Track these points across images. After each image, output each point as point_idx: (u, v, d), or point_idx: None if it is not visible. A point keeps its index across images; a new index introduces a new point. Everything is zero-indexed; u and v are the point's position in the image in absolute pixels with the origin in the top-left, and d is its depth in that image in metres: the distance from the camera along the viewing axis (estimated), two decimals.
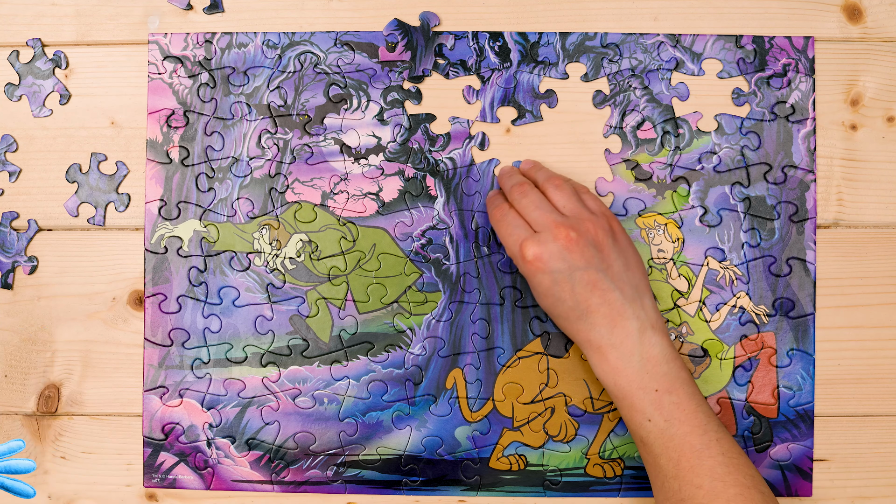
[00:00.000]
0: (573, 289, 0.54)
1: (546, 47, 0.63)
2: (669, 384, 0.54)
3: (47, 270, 0.63)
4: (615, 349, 0.54)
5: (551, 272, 0.54)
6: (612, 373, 0.54)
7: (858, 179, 0.63)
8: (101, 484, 0.63)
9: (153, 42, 0.63)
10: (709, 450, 0.52)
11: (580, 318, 0.55)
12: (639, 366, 0.54)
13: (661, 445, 0.53)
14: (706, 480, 0.52)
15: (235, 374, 0.62)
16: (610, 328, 0.54)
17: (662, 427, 0.53)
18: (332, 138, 0.63)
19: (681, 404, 0.53)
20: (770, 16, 0.63)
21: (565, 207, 0.57)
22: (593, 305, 0.54)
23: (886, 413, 0.62)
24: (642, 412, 0.53)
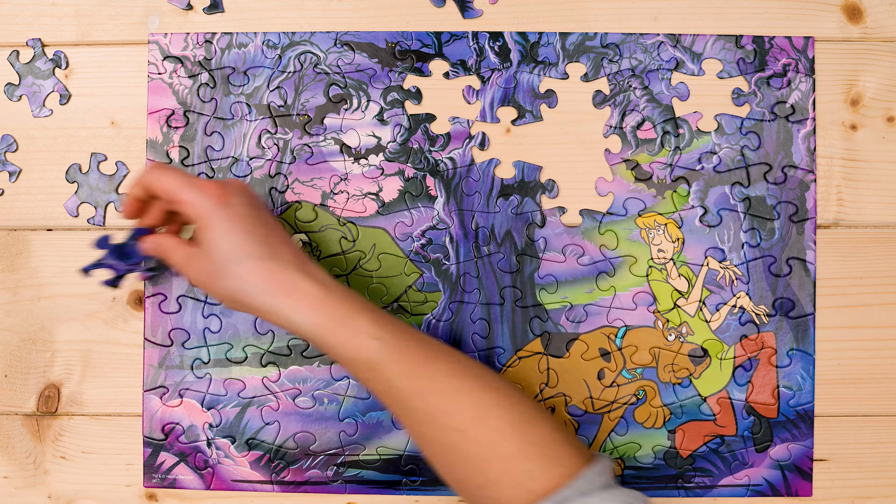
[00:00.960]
0: (259, 224, 0.52)
1: (546, 47, 0.63)
2: (372, 305, 0.53)
3: (47, 270, 0.63)
4: (316, 283, 0.51)
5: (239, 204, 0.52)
6: (321, 303, 0.51)
7: (858, 179, 0.63)
8: (101, 484, 0.63)
9: (153, 42, 0.63)
10: (435, 353, 0.51)
11: (271, 257, 0.51)
12: (342, 294, 0.52)
13: (395, 362, 0.50)
14: (445, 382, 0.50)
15: (235, 374, 0.62)
16: (299, 267, 0.51)
17: (391, 342, 0.51)
18: (332, 138, 0.63)
19: (394, 320, 0.52)
20: (770, 16, 0.63)
21: None
22: (279, 244, 0.52)
23: (886, 413, 0.62)
24: (367, 331, 0.50)
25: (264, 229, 0.52)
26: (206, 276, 0.52)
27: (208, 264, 0.52)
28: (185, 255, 0.54)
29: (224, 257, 0.51)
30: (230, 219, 0.51)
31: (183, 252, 0.54)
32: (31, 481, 0.63)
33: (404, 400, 0.51)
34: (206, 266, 0.52)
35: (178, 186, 0.52)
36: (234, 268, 0.51)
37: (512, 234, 0.62)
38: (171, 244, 0.55)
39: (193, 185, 0.52)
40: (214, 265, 0.51)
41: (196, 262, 0.53)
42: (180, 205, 0.52)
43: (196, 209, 0.52)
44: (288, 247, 0.53)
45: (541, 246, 0.62)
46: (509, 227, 0.62)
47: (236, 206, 0.52)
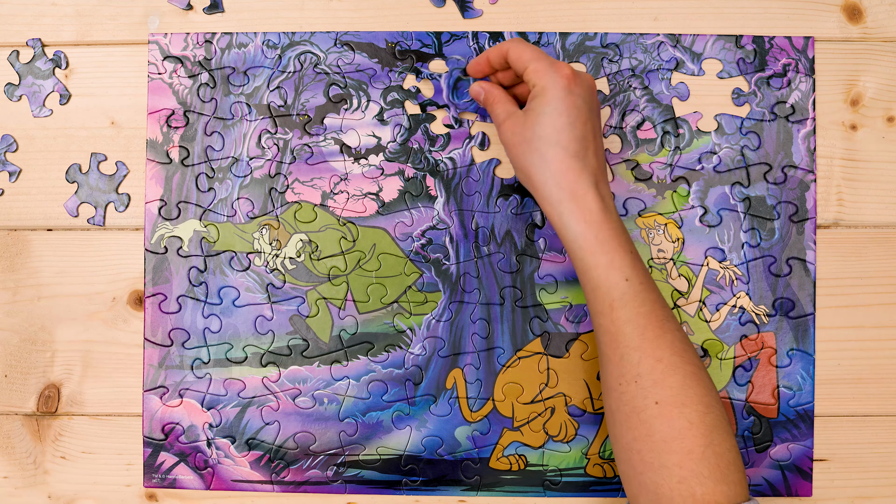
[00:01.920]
0: (586, 124, 0.53)
1: (546, 47, 0.63)
2: (634, 248, 0.53)
3: (47, 270, 0.63)
4: (601, 201, 0.52)
5: (579, 96, 0.53)
6: (597, 223, 0.52)
7: (858, 179, 0.63)
8: (101, 484, 0.63)
9: (153, 42, 0.63)
10: (670, 322, 0.52)
11: (577, 155, 0.53)
12: (618, 225, 0.53)
13: (632, 310, 0.51)
14: (667, 353, 0.50)
15: (235, 374, 0.62)
16: (596, 180, 0.53)
17: (638, 289, 0.52)
18: (332, 138, 0.63)
19: (648, 274, 0.53)
20: (770, 16, 0.63)
21: None
22: (591, 150, 0.53)
23: (886, 413, 0.62)
24: (622, 269, 0.52)
25: (586, 130, 0.53)
26: (517, 138, 0.54)
27: (525, 130, 0.54)
28: (507, 110, 0.56)
29: (540, 133, 0.53)
30: (566, 102, 0.53)
31: (507, 107, 0.56)
32: (31, 481, 0.63)
33: (622, 347, 0.51)
34: (521, 130, 0.54)
35: (536, 56, 0.54)
36: (544, 146, 0.53)
37: (512, 234, 0.62)
38: (500, 95, 0.57)
39: (549, 60, 0.54)
40: (529, 134, 0.54)
41: (515, 121, 0.55)
42: (529, 72, 0.54)
43: (542, 78, 0.53)
44: (596, 157, 0.54)
45: (541, 246, 0.62)
46: (509, 227, 0.62)
47: (577, 95, 0.53)
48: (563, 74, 0.53)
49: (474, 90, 0.59)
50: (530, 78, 0.54)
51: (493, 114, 0.57)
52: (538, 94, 0.54)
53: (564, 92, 0.53)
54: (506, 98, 0.57)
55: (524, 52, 0.55)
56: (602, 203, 0.52)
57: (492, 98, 0.57)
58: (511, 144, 0.55)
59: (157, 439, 0.62)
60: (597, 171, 0.53)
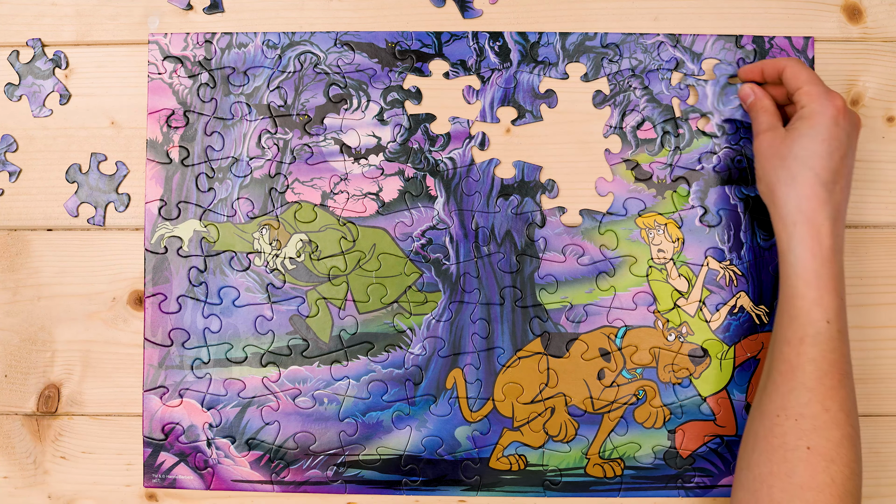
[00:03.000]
0: (844, 158, 0.54)
1: (546, 47, 0.63)
2: (844, 295, 0.53)
3: (47, 270, 0.63)
4: (834, 238, 0.53)
5: (845, 130, 0.54)
6: (821, 258, 0.52)
7: (858, 179, 0.63)
8: (101, 484, 0.63)
9: (153, 42, 0.63)
10: (849, 379, 0.52)
11: (826, 184, 0.53)
12: (840, 269, 0.53)
13: (821, 352, 0.52)
14: (836, 406, 0.51)
15: (235, 374, 0.62)
16: (836, 214, 0.53)
17: (833, 335, 0.52)
18: (332, 138, 0.63)
19: (844, 317, 0.53)
20: (770, 16, 0.63)
21: None
22: (841, 184, 0.54)
23: (886, 413, 0.62)
24: (827, 310, 0.52)
25: (842, 164, 0.54)
26: (772, 151, 0.55)
27: (782, 147, 0.54)
28: (770, 122, 0.57)
29: (798, 153, 0.53)
30: (830, 131, 0.53)
31: (771, 119, 0.57)
32: (31, 481, 0.63)
33: (796, 382, 0.52)
34: (779, 145, 0.55)
35: (810, 79, 0.55)
36: (796, 165, 0.53)
37: (512, 234, 0.62)
38: (768, 105, 0.58)
39: (824, 88, 0.55)
40: (786, 151, 0.54)
41: (775, 135, 0.55)
42: (802, 93, 0.55)
43: (814, 101, 0.54)
44: (843, 193, 0.54)
45: (541, 246, 0.62)
46: (509, 227, 0.62)
47: (843, 128, 0.54)
48: (835, 104, 0.54)
49: (745, 91, 0.59)
50: (801, 98, 0.55)
51: (756, 121, 0.58)
52: (806, 115, 0.54)
53: (832, 121, 0.53)
54: (773, 110, 0.58)
55: (801, 73, 0.55)
56: (834, 240, 0.53)
57: (760, 105, 0.58)
58: (764, 157, 0.55)
59: (157, 439, 0.62)
60: (840, 206, 0.54)
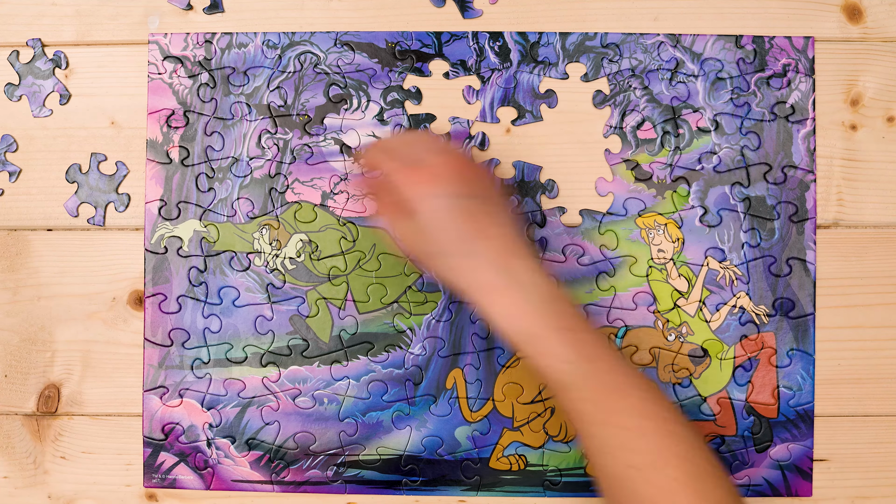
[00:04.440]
0: (457, 219, 0.51)
1: (546, 47, 0.63)
2: (573, 321, 0.50)
3: (47, 270, 0.63)
4: (516, 287, 0.50)
5: (436, 197, 0.51)
6: (517, 316, 0.50)
7: (858, 179, 0.63)
8: (101, 484, 0.63)
9: (153, 42, 0.63)
10: (631, 386, 0.50)
11: (469, 254, 0.50)
12: (541, 303, 0.50)
13: (584, 388, 0.49)
14: (634, 419, 0.49)
15: (235, 374, 0.62)
16: (504, 263, 0.50)
17: (585, 368, 0.49)
18: (332, 138, 0.63)
19: (594, 342, 0.50)
20: (770, 16, 0.63)
21: None
22: (479, 239, 0.51)
23: (886, 413, 0.62)
24: (557, 355, 0.49)
25: (461, 224, 0.51)
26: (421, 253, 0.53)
27: (419, 246, 0.53)
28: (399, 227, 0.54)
29: (432, 248, 0.52)
30: (427, 215, 0.51)
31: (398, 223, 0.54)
32: (31, 481, 0.63)
33: (587, 425, 0.50)
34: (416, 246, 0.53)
35: (392, 170, 0.53)
36: (441, 258, 0.52)
37: None
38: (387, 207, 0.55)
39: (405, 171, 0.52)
40: (424, 248, 0.53)
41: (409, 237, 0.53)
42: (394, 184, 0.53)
43: (405, 192, 0.52)
44: (488, 241, 0.51)
45: (541, 246, 0.62)
46: None
47: (441, 197, 0.51)
48: (417, 182, 0.52)
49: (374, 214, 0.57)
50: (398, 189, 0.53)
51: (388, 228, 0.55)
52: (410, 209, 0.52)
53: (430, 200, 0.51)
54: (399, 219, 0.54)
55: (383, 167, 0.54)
56: (516, 290, 0.50)
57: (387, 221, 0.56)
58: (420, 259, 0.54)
59: (157, 439, 0.62)
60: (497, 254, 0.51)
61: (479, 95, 0.63)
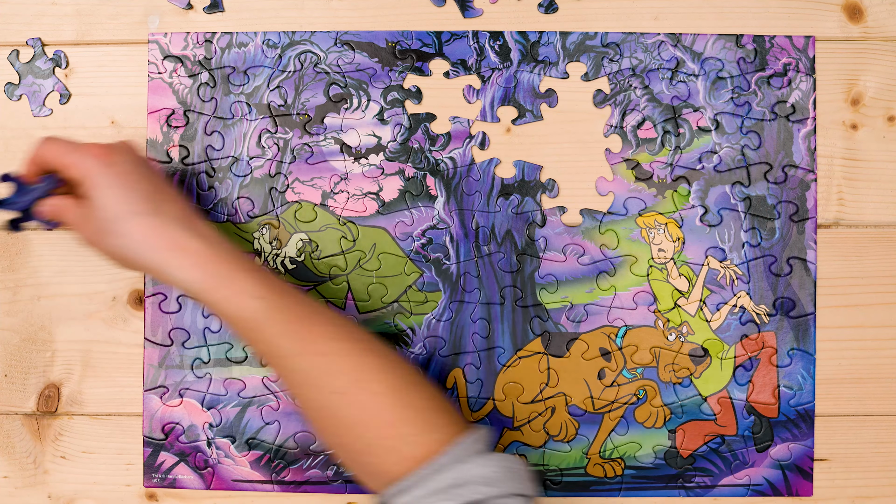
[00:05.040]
0: (142, 180, 0.53)
1: (546, 47, 0.63)
2: (257, 265, 0.53)
3: (47, 270, 0.63)
4: (200, 238, 0.52)
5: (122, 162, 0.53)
6: (205, 262, 0.51)
7: (859, 179, 0.63)
8: (101, 484, 0.63)
9: (153, 41, 0.63)
10: (318, 315, 0.52)
11: (154, 213, 0.52)
12: (226, 252, 0.52)
13: (278, 322, 0.51)
14: (328, 344, 0.50)
15: (235, 374, 0.62)
16: (185, 224, 0.52)
17: (274, 301, 0.51)
18: (333, 138, 0.63)
19: (278, 280, 0.53)
20: (770, 15, 0.63)
21: None
22: (164, 201, 0.53)
23: (886, 413, 0.62)
24: (249, 292, 0.51)
25: (148, 185, 0.53)
26: (95, 234, 0.53)
27: (95, 223, 0.52)
28: (77, 215, 0.54)
29: (109, 215, 0.52)
30: (114, 175, 0.52)
31: (75, 212, 0.54)
32: (31, 481, 0.63)
33: (284, 359, 0.51)
34: (94, 224, 0.53)
35: (63, 152, 0.53)
36: (119, 225, 0.52)
37: (512, 233, 0.62)
38: (65, 205, 0.55)
39: (78, 148, 0.53)
40: (101, 223, 0.52)
41: (86, 221, 0.53)
42: (67, 168, 0.53)
43: (80, 170, 0.52)
44: (173, 203, 0.53)
45: (541, 245, 0.62)
46: (510, 227, 0.62)
47: (120, 164, 0.53)
48: (95, 153, 0.53)
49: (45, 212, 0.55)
50: (71, 174, 0.53)
51: (67, 221, 0.55)
52: (87, 184, 0.52)
53: (106, 167, 0.52)
54: (71, 204, 0.54)
55: (51, 150, 0.54)
56: (202, 240, 0.52)
57: (59, 212, 0.55)
58: (95, 243, 0.53)
59: (157, 439, 0.62)
60: (182, 214, 0.53)
61: (479, 95, 0.63)
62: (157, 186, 0.54)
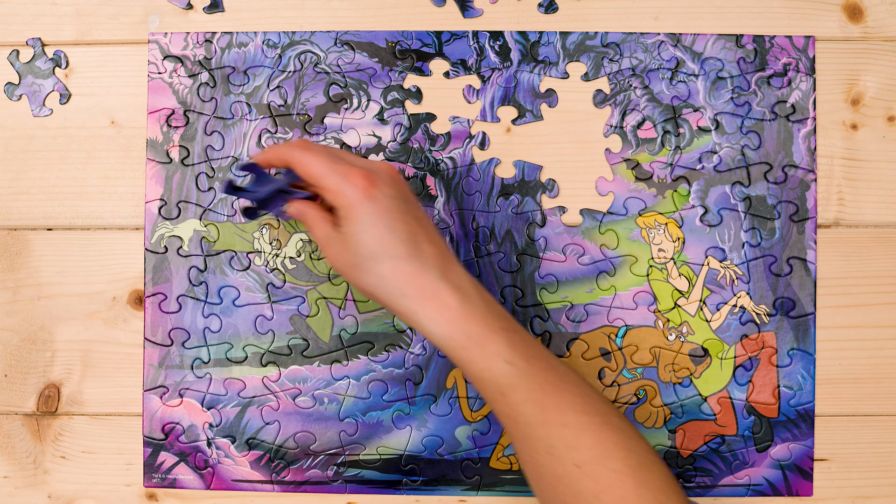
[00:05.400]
0: (406, 219, 0.50)
1: (546, 46, 0.63)
2: (510, 322, 0.51)
3: (47, 270, 0.63)
4: (456, 291, 0.50)
5: (385, 197, 0.50)
6: (459, 318, 0.49)
7: (859, 179, 0.63)
8: (101, 484, 0.63)
9: (153, 41, 0.63)
10: (564, 383, 0.50)
11: (411, 257, 0.49)
12: (482, 306, 0.50)
13: (525, 389, 0.49)
14: (571, 416, 0.49)
15: (235, 374, 0.62)
16: (442, 270, 0.50)
17: (524, 368, 0.49)
18: (333, 138, 0.63)
19: (529, 341, 0.51)
20: (770, 15, 0.63)
21: None
22: (424, 242, 0.50)
23: (886, 413, 0.62)
24: (500, 354, 0.49)
25: (409, 226, 0.50)
26: (345, 265, 0.51)
27: (348, 255, 0.51)
28: (327, 235, 0.52)
29: (364, 253, 0.50)
30: (374, 214, 0.50)
31: (325, 231, 0.52)
32: (31, 481, 0.63)
33: (527, 427, 0.50)
34: (345, 256, 0.51)
35: (323, 174, 0.51)
36: (374, 264, 0.50)
37: (512, 233, 0.62)
38: (315, 218, 0.53)
39: (340, 173, 0.50)
40: (354, 258, 0.50)
41: (336, 247, 0.51)
42: (324, 191, 0.51)
43: (340, 200, 0.50)
44: (432, 246, 0.51)
45: (541, 245, 0.62)
46: (510, 227, 0.62)
47: (381, 199, 0.50)
48: (359, 185, 0.50)
49: (290, 212, 0.55)
50: (327, 199, 0.51)
51: (314, 238, 0.54)
52: (344, 214, 0.50)
53: (368, 202, 0.50)
54: (320, 217, 0.53)
55: (310, 168, 0.51)
56: (457, 293, 0.50)
57: (307, 220, 0.54)
58: (344, 273, 0.52)
59: (157, 439, 0.62)
60: (439, 259, 0.50)
61: (479, 95, 0.63)
62: (418, 225, 0.51)
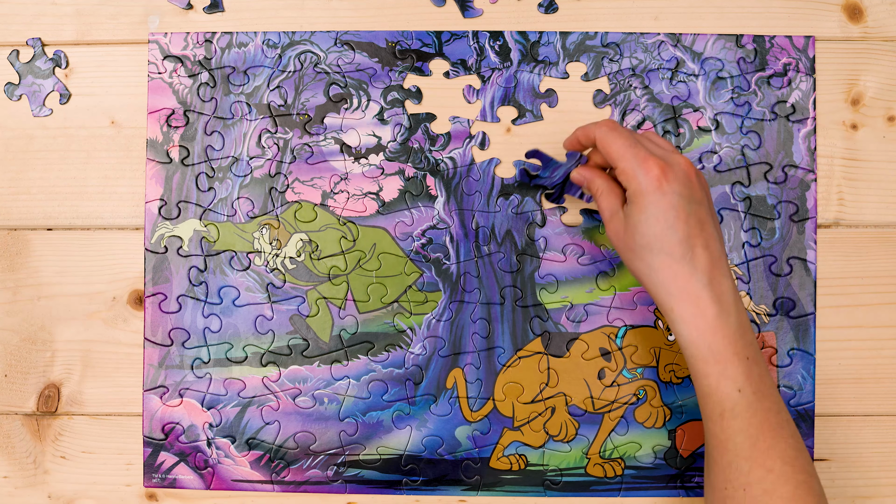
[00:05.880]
0: (688, 220, 0.50)
1: (546, 46, 0.63)
2: (756, 353, 0.51)
3: (47, 270, 0.63)
4: (716, 303, 0.50)
5: (674, 193, 0.50)
6: (710, 331, 0.50)
7: (859, 179, 0.63)
8: (101, 484, 0.63)
9: (153, 41, 0.63)
10: (783, 430, 0.50)
11: (683, 258, 0.50)
12: (736, 327, 0.50)
13: (744, 420, 0.49)
14: (778, 463, 0.49)
15: (235, 374, 0.62)
16: (709, 278, 0.50)
17: (751, 400, 0.49)
18: (333, 138, 0.63)
19: (765, 378, 0.50)
20: (771, 15, 0.63)
21: None
22: (699, 246, 0.50)
23: (886, 413, 0.62)
24: (734, 380, 0.49)
25: (689, 227, 0.51)
26: (622, 245, 0.53)
27: (627, 238, 0.52)
28: (612, 210, 0.54)
29: (641, 241, 0.51)
30: (661, 207, 0.50)
31: (612, 205, 0.54)
32: (31, 481, 0.63)
33: (734, 456, 0.50)
34: (624, 237, 0.52)
35: (622, 155, 0.52)
36: (648, 255, 0.51)
37: (512, 233, 0.62)
38: (603, 188, 0.55)
39: (637, 157, 0.51)
40: (631, 242, 0.52)
41: (618, 224, 0.53)
42: (619, 173, 0.52)
43: (631, 184, 0.51)
44: (706, 251, 0.51)
45: (541, 245, 0.62)
46: (510, 227, 0.62)
47: (670, 194, 0.51)
48: (652, 176, 0.51)
49: (577, 178, 0.57)
50: (621, 179, 0.52)
51: (599, 207, 0.55)
52: (631, 199, 0.52)
53: (657, 195, 0.50)
54: (609, 189, 0.54)
55: (611, 147, 0.52)
56: (716, 305, 0.50)
57: (594, 189, 0.55)
58: (618, 248, 0.53)
59: (157, 439, 0.62)
60: (709, 266, 0.50)
61: (479, 95, 0.63)
62: (696, 228, 0.51)
